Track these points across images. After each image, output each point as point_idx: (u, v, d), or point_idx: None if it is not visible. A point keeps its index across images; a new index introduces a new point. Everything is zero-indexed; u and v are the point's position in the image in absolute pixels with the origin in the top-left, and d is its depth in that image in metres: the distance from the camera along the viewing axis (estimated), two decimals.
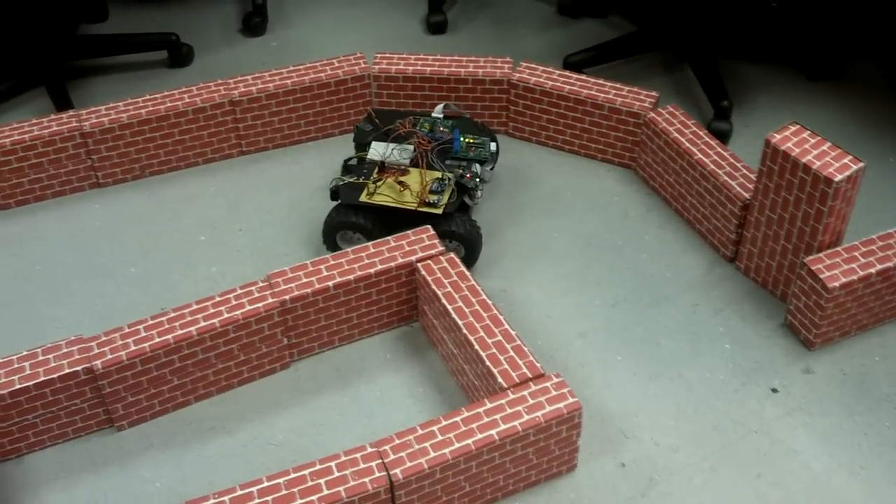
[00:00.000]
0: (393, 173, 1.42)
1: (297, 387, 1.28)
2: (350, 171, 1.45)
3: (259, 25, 1.96)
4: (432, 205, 1.38)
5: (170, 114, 1.55)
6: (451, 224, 1.38)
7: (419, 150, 1.45)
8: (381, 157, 1.44)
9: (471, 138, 1.50)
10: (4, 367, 1.16)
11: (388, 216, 1.39)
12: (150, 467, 1.18)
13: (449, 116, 1.55)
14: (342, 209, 1.39)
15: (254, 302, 1.23)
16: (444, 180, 1.41)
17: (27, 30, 1.76)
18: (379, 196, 1.39)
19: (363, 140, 1.49)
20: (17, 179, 1.53)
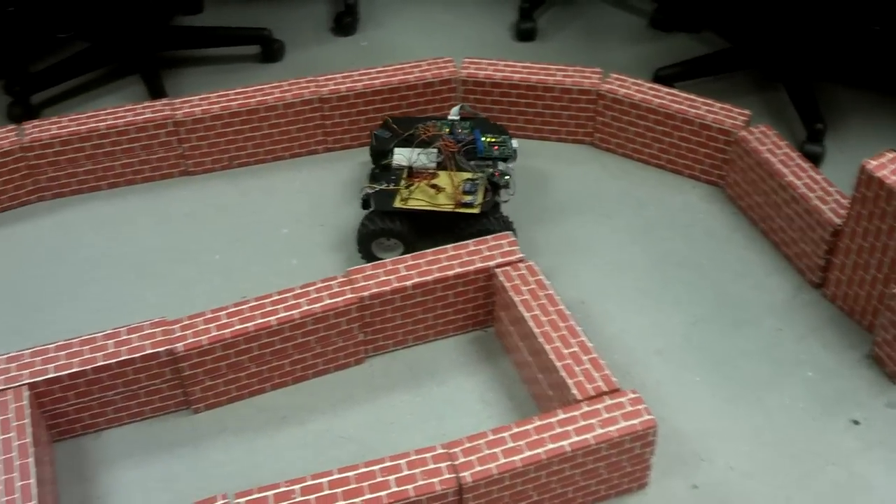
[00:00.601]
0: (424, 177, 1.43)
1: (370, 383, 1.29)
2: (377, 178, 1.44)
3: (350, 25, 1.98)
4: (468, 205, 1.39)
5: (260, 107, 1.58)
6: (487, 223, 1.39)
7: (446, 152, 1.45)
8: (408, 162, 1.45)
9: (492, 137, 1.50)
10: (88, 343, 1.19)
11: (423, 220, 1.40)
12: (223, 451, 1.20)
13: (465, 118, 1.56)
14: (377, 217, 1.39)
15: (333, 296, 1.24)
16: (475, 180, 1.42)
17: (125, 18, 1.82)
18: (413, 201, 1.40)
19: (384, 147, 1.49)
20: (110, 163, 1.57)
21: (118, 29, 1.82)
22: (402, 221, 1.39)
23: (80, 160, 1.55)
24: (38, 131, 1.52)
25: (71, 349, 1.18)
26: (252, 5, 2.12)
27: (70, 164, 1.55)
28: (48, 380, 1.15)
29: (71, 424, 1.21)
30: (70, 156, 1.54)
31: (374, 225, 1.39)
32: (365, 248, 1.42)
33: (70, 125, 1.53)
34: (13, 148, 1.50)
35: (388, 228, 1.39)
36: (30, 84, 1.79)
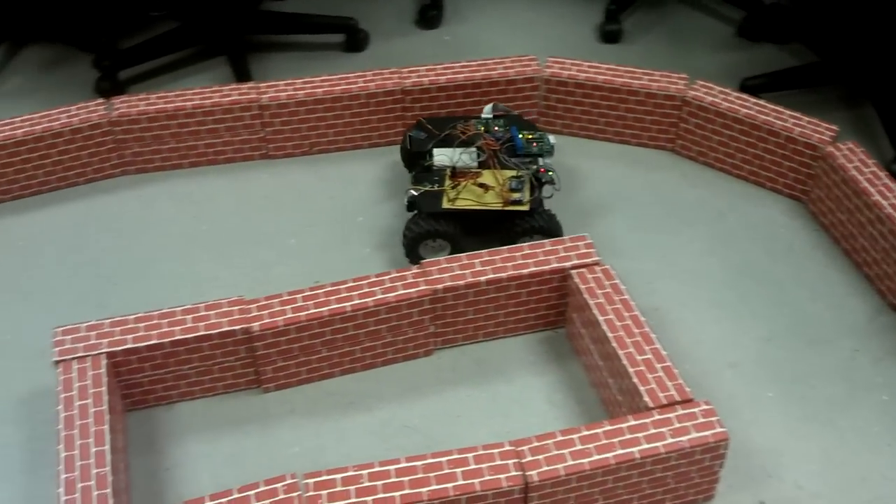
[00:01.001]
0: (469, 176, 1.42)
1: (438, 375, 1.29)
2: (420, 180, 1.43)
3: (434, 19, 1.99)
4: (518, 202, 1.38)
5: (344, 96, 1.59)
6: (534, 219, 1.38)
7: (488, 150, 1.45)
8: (451, 162, 1.44)
9: (528, 134, 1.50)
10: (167, 317, 1.21)
11: (470, 220, 1.39)
12: (290, 431, 1.22)
13: (498, 116, 1.55)
14: (425, 218, 1.38)
15: (407, 287, 1.25)
16: (520, 177, 1.41)
17: (216, 1, 1.85)
18: (461, 201, 1.39)
19: (421, 149, 1.48)
20: (194, 142, 1.60)
21: (208, 11, 1.85)
22: (450, 222, 1.39)
23: (166, 137, 1.58)
24: (127, 106, 1.55)
25: (150, 321, 1.20)
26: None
27: (155, 141, 1.58)
28: (126, 350, 1.18)
29: (144, 395, 1.23)
30: (156, 133, 1.57)
31: (422, 227, 1.38)
32: (412, 251, 1.41)
33: (158, 102, 1.56)
34: (102, 121, 1.54)
35: (438, 230, 1.38)
36: (118, 60, 1.83)
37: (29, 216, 1.54)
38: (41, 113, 1.53)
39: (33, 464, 1.18)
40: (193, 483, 1.16)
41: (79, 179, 1.59)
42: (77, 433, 1.08)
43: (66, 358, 1.16)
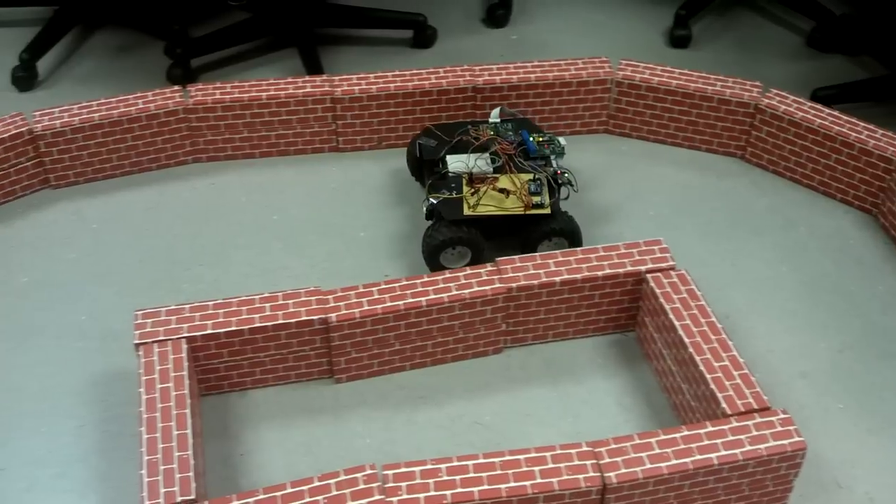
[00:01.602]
0: (489, 182, 1.41)
1: (507, 373, 1.30)
2: (437, 188, 1.42)
3: (502, 17, 1.99)
4: (539, 206, 1.38)
5: (416, 91, 1.60)
6: (554, 222, 1.38)
7: (503, 155, 1.44)
8: (467, 168, 1.43)
9: (539, 137, 1.49)
10: (246, 304, 1.23)
11: (490, 225, 1.39)
12: (361, 423, 1.23)
13: (506, 119, 1.55)
14: (447, 226, 1.37)
15: (482, 284, 1.25)
16: (537, 180, 1.41)
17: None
18: (483, 207, 1.38)
19: (433, 156, 1.47)
20: (266, 132, 1.61)
21: (280, 3, 1.87)
22: (472, 228, 1.38)
23: (239, 127, 1.60)
24: (203, 94, 1.57)
25: (229, 308, 1.22)
26: None
27: (228, 130, 1.60)
28: (206, 335, 1.19)
29: (219, 381, 1.25)
30: (229, 121, 1.59)
31: (445, 235, 1.37)
32: (433, 260, 1.40)
33: (233, 92, 1.57)
34: (177, 108, 1.56)
35: (461, 237, 1.37)
36: (190, 48, 1.85)
37: (102, 199, 1.56)
38: (118, 97, 1.56)
39: (108, 445, 1.20)
40: (267, 469, 1.17)
41: (151, 165, 1.61)
42: (159, 416, 1.10)
43: (147, 341, 1.18)
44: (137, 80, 1.86)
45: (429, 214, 1.41)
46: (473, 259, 1.40)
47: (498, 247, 1.41)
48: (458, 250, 1.39)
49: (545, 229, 1.39)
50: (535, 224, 1.39)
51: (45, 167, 1.55)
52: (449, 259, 1.40)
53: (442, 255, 1.39)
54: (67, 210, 1.54)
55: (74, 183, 1.58)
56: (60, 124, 1.51)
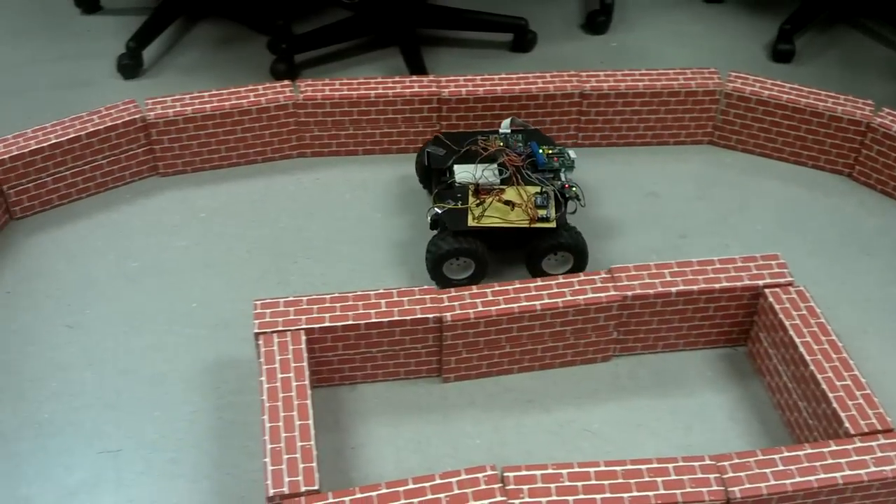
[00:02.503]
0: (495, 193, 1.39)
1: (616, 382, 1.29)
2: (442, 197, 1.40)
3: (602, 25, 1.99)
4: (545, 219, 1.36)
5: (522, 95, 1.60)
6: (560, 236, 1.36)
7: (511, 166, 1.42)
8: (473, 179, 1.41)
9: (548, 149, 1.47)
10: (362, 299, 1.24)
11: (495, 237, 1.37)
12: (471, 423, 1.23)
13: (517, 130, 1.53)
14: (450, 237, 1.36)
15: (596, 291, 1.25)
16: (544, 193, 1.39)
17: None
18: (487, 218, 1.36)
19: (441, 165, 1.45)
20: (371, 130, 1.62)
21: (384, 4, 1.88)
22: (476, 240, 1.36)
23: (345, 123, 1.61)
24: (312, 90, 1.59)
25: (345, 302, 1.23)
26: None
27: (335, 126, 1.61)
28: (323, 328, 1.20)
29: (331, 373, 1.26)
30: (336, 118, 1.60)
31: (448, 245, 1.35)
32: (436, 271, 1.38)
33: (343, 89, 1.59)
34: (287, 103, 1.58)
35: (464, 248, 1.36)
36: (294, 44, 1.87)
37: (209, 189, 1.58)
38: (230, 89, 1.58)
39: (221, 432, 1.22)
40: (378, 464, 1.18)
41: (257, 158, 1.63)
42: (280, 405, 1.11)
43: (267, 331, 1.19)
44: (239, 73, 1.88)
45: (433, 224, 1.40)
46: (477, 271, 1.38)
47: (503, 259, 1.41)
48: (461, 261, 1.38)
49: (550, 243, 1.37)
50: (541, 238, 1.37)
51: (155, 155, 1.58)
52: (452, 270, 1.38)
53: (445, 265, 1.38)
54: (175, 198, 1.57)
55: (182, 172, 1.61)
56: (173, 113, 1.54)
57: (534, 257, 1.38)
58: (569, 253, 1.38)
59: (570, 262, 1.39)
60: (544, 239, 1.37)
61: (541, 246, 1.37)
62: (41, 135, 1.49)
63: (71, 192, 1.54)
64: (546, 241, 1.37)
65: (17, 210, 1.51)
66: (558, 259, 1.39)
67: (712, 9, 2.11)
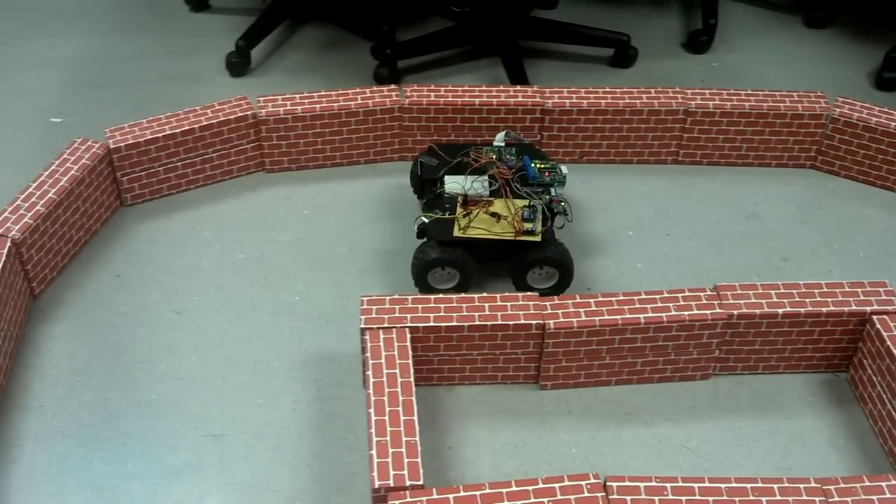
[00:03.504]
0: (482, 205, 1.39)
1: (715, 401, 1.28)
2: (432, 207, 1.41)
3: (704, 44, 1.98)
4: (530, 233, 1.36)
5: (626, 109, 1.60)
6: (546, 250, 1.36)
7: (501, 179, 1.42)
8: (462, 190, 1.41)
9: (541, 164, 1.47)
10: (466, 302, 1.25)
11: (480, 249, 1.38)
12: (567, 432, 1.24)
13: (510, 144, 1.52)
14: (435, 246, 1.37)
15: (701, 308, 1.25)
16: (532, 207, 1.38)
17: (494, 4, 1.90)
18: (473, 229, 1.37)
19: (432, 175, 1.47)
20: (472, 136, 1.64)
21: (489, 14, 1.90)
22: (461, 251, 1.37)
23: (448, 130, 1.63)
24: (418, 95, 1.61)
25: (449, 304, 1.24)
26: (605, 7, 2.16)
27: (437, 132, 1.63)
28: (427, 327, 1.22)
29: (430, 373, 1.28)
30: (439, 124, 1.62)
31: (432, 255, 1.36)
32: (421, 280, 1.39)
33: (447, 95, 1.61)
34: (393, 107, 1.60)
35: (448, 258, 1.36)
36: (398, 50, 1.90)
37: (313, 187, 1.62)
38: (338, 91, 1.61)
39: (321, 423, 1.24)
40: (475, 466, 1.19)
41: (359, 159, 1.66)
42: (386, 400, 1.13)
43: (373, 327, 1.22)
44: (342, 76, 1.92)
45: (420, 233, 1.41)
46: (462, 281, 1.40)
47: (491, 272, 1.42)
48: (447, 271, 1.38)
49: (535, 257, 1.37)
50: (526, 251, 1.37)
51: (263, 151, 1.62)
52: (437, 279, 1.39)
53: (430, 274, 1.39)
54: (280, 194, 1.61)
55: (287, 169, 1.65)
56: (283, 111, 1.58)
57: (519, 270, 1.39)
58: (554, 268, 1.39)
59: (556, 278, 1.40)
60: (529, 252, 1.38)
61: (526, 259, 1.38)
62: (156, 125, 1.54)
63: (180, 183, 1.59)
64: (531, 255, 1.38)
65: (128, 197, 1.56)
66: (543, 274, 1.40)
67: (815, 33, 2.10)
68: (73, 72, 1.92)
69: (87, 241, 1.50)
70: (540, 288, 1.40)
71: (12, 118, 1.79)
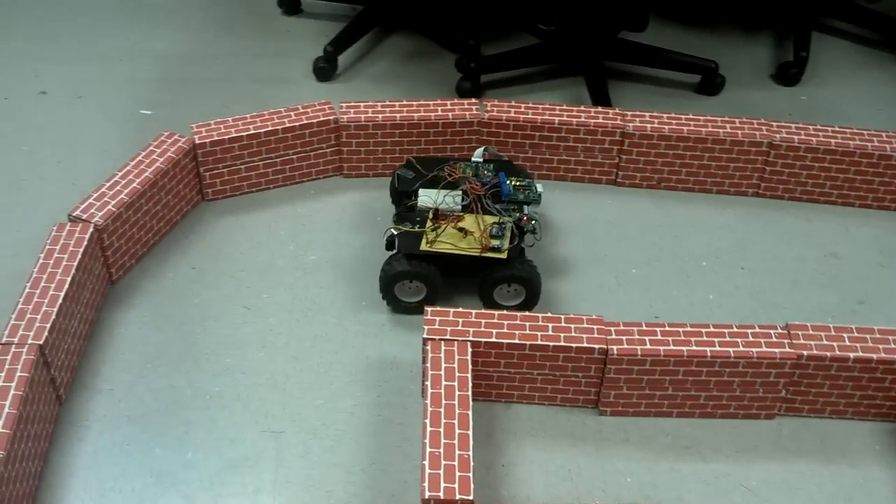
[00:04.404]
0: (450, 219, 1.38)
1: (778, 442, 1.25)
2: (403, 219, 1.40)
3: (794, 77, 1.94)
4: (496, 250, 1.35)
5: (708, 138, 1.58)
6: (513, 268, 1.36)
7: (472, 195, 1.41)
8: (434, 204, 1.40)
9: (516, 181, 1.47)
10: (529, 320, 1.25)
11: (448, 263, 1.37)
12: (623, 461, 1.22)
13: (489, 160, 1.52)
14: (402, 259, 1.36)
15: (771, 345, 1.22)
16: (502, 224, 1.37)
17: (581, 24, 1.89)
18: (440, 244, 1.36)
19: (408, 188, 1.46)
20: (549, 155, 1.64)
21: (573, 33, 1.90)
22: (427, 264, 1.37)
23: (525, 147, 1.63)
24: (498, 110, 1.62)
25: (513, 321, 1.24)
26: (693, 33, 2.14)
27: (514, 147, 1.64)
28: (489, 343, 1.22)
29: (489, 389, 1.28)
30: (517, 140, 1.63)
31: (398, 268, 1.36)
32: (388, 292, 1.39)
33: (527, 112, 1.61)
34: (472, 120, 1.61)
35: (414, 271, 1.36)
36: (482, 64, 1.91)
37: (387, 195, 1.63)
38: (419, 101, 1.63)
39: (378, 429, 1.25)
40: (527, 486, 1.19)
41: None
42: (442, 412, 1.13)
43: (435, 338, 1.22)
44: (424, 86, 1.94)
45: (388, 245, 1.40)
46: (429, 295, 1.39)
47: (458, 287, 1.42)
48: (414, 284, 1.38)
49: (502, 274, 1.37)
50: (493, 268, 1.37)
51: (342, 156, 1.64)
52: (405, 292, 1.39)
53: (397, 287, 1.38)
54: (355, 200, 1.63)
55: (364, 175, 1.67)
56: (364, 118, 1.60)
57: (486, 287, 1.39)
58: (521, 286, 1.38)
59: (523, 296, 1.40)
60: (496, 269, 1.37)
61: (492, 276, 1.38)
62: (241, 124, 1.58)
63: (260, 182, 1.62)
64: (498, 272, 1.37)
65: (210, 192, 1.60)
66: (511, 291, 1.39)
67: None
68: (167, 66, 1.98)
69: (167, 232, 1.54)
70: (506, 305, 1.41)
71: (106, 107, 1.85)
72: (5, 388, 1.12)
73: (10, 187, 1.64)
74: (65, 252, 1.32)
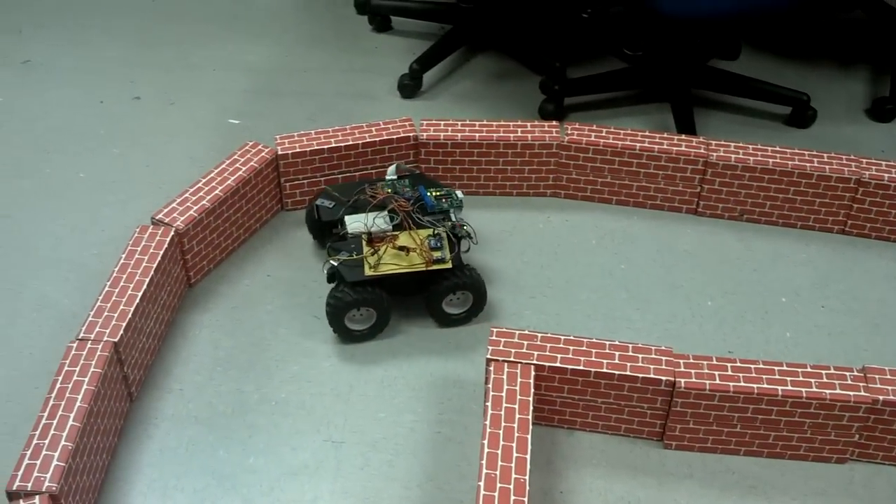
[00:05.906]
0: (388, 240, 1.37)
1: (848, 488, 1.21)
2: (337, 249, 1.37)
3: (890, 113, 1.88)
4: (441, 261, 1.37)
5: (794, 171, 1.54)
6: (459, 276, 1.38)
7: (401, 212, 1.41)
8: (365, 228, 1.38)
9: (436, 191, 1.48)
10: (596, 347, 1.23)
11: (393, 284, 1.37)
12: (686, 496, 1.19)
13: (402, 176, 1.53)
14: (348, 289, 1.34)
15: (846, 388, 1.18)
16: (437, 235, 1.38)
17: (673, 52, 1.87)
18: (384, 266, 1.34)
19: (332, 217, 1.46)
20: (629, 181, 1.62)
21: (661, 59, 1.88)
22: (375, 289, 1.35)
23: (604, 171, 1.62)
24: (578, 134, 1.61)
25: (579, 347, 1.23)
26: (788, 64, 2.09)
27: (593, 172, 1.62)
28: (553, 367, 1.21)
29: (552, 414, 1.26)
30: (597, 164, 1.61)
31: (348, 297, 1.34)
32: (338, 324, 1.37)
33: (608, 136, 1.60)
34: (552, 143, 1.60)
35: (364, 298, 1.35)
36: (566, 87, 1.90)
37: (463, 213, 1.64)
38: (499, 122, 1.63)
39: (437, 446, 1.25)
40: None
41: (512, 191, 1.67)
42: (501, 434, 1.12)
43: (499, 359, 1.22)
44: (507, 107, 1.94)
45: (330, 277, 1.38)
46: (379, 319, 1.39)
47: (402, 304, 1.41)
48: (363, 311, 1.36)
49: (449, 284, 1.38)
50: (439, 279, 1.38)
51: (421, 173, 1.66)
52: (355, 321, 1.38)
53: (346, 317, 1.36)
54: None
55: None
56: (444, 137, 1.61)
57: (434, 299, 1.39)
58: (468, 292, 1.39)
59: (470, 301, 1.40)
60: (442, 280, 1.38)
61: (440, 287, 1.38)
62: (322, 137, 1.60)
63: None
64: (445, 282, 1.38)
65: (289, 202, 1.63)
66: (459, 299, 1.40)
67: None
68: (257, 78, 2.03)
69: (246, 239, 1.58)
70: (456, 313, 1.41)
71: (196, 115, 1.91)
72: (79, 383, 1.16)
73: (100, 188, 1.70)
74: (145, 254, 1.37)
